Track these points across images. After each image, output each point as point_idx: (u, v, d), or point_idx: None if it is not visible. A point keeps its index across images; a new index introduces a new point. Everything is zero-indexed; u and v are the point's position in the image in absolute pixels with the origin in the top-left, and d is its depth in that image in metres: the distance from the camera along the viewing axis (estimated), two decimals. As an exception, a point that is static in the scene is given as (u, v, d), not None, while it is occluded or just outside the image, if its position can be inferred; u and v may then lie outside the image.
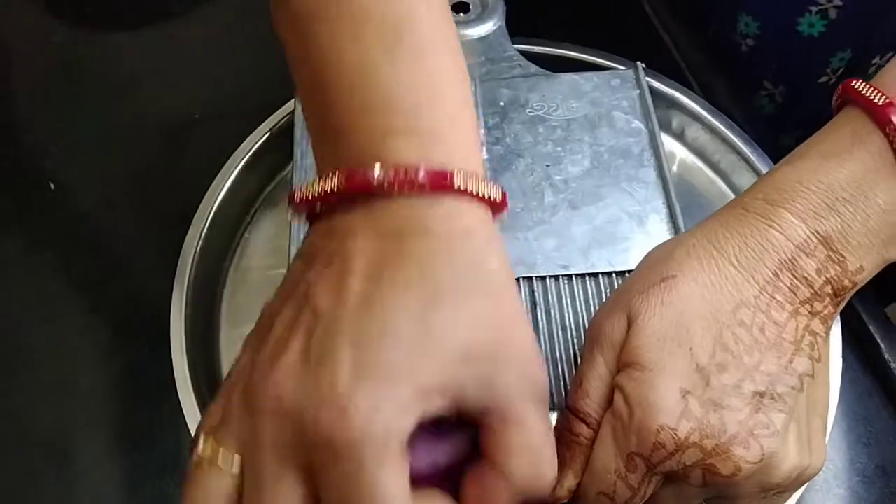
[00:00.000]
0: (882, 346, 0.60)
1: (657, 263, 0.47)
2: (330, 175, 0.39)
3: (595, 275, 0.55)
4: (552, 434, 0.40)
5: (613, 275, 0.55)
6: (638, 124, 0.61)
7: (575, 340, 0.53)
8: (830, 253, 0.45)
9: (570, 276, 0.55)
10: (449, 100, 0.42)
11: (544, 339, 0.53)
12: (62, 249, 0.68)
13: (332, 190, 0.39)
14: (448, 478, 0.39)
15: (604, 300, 0.54)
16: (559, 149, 0.60)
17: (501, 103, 0.62)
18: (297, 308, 0.39)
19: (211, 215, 0.61)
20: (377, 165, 0.38)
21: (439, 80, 0.42)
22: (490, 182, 0.40)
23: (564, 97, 0.62)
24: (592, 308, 0.54)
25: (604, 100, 0.62)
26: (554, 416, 0.50)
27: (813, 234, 0.45)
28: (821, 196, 0.46)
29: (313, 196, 0.40)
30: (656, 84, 0.66)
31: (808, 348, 0.44)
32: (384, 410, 0.35)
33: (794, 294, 0.44)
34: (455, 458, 0.39)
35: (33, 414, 0.61)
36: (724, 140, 0.65)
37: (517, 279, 0.54)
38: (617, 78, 0.63)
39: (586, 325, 0.53)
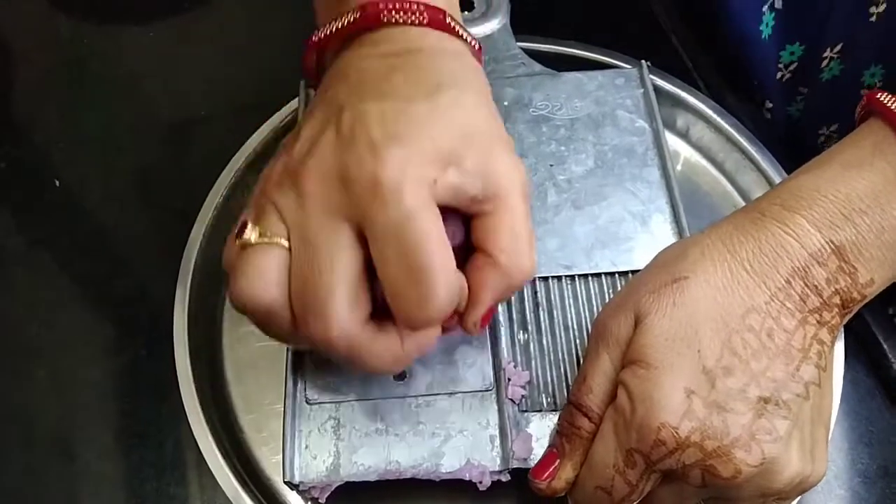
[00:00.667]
0: (885, 346, 0.59)
1: (669, 263, 0.47)
2: (342, 16, 0.46)
3: (598, 275, 0.55)
4: (531, 224, 0.45)
5: (616, 275, 0.55)
6: (642, 123, 0.60)
7: (577, 341, 0.53)
8: (842, 264, 0.45)
9: (572, 277, 0.55)
10: None
11: (547, 339, 0.53)
12: (65, 247, 0.68)
13: (347, 24, 0.46)
14: None
15: (607, 300, 0.54)
16: (563, 148, 0.60)
17: (505, 102, 0.61)
18: (323, 113, 0.44)
19: (215, 214, 0.61)
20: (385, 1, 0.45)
21: None
22: (470, 32, 0.48)
23: (568, 96, 0.62)
24: (595, 308, 0.54)
25: (608, 99, 0.62)
26: (556, 417, 0.50)
27: (827, 243, 0.45)
28: (838, 205, 0.46)
29: (331, 33, 0.47)
30: (661, 83, 0.65)
31: (816, 357, 0.44)
32: (415, 159, 0.40)
33: (804, 302, 0.44)
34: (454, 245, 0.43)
35: (36, 411, 0.61)
36: (729, 139, 0.64)
37: None
38: (621, 77, 0.63)
39: (589, 326, 0.53)
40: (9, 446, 0.60)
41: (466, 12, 0.65)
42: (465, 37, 0.48)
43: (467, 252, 0.45)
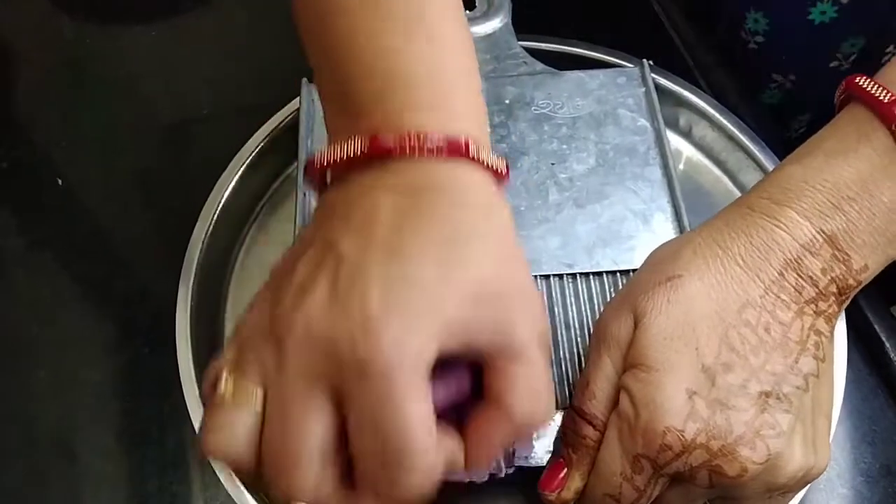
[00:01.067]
0: (887, 345, 0.59)
1: (663, 262, 0.47)
2: (352, 139, 0.41)
3: (599, 274, 0.55)
4: (551, 375, 0.42)
5: (618, 273, 0.55)
6: (644, 122, 0.60)
7: (579, 340, 0.53)
8: (836, 252, 0.45)
9: (574, 275, 0.55)
10: (462, 81, 0.44)
11: (549, 338, 0.52)
12: (66, 247, 0.68)
13: (354, 153, 0.41)
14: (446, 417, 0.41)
15: (608, 299, 0.54)
16: (564, 147, 0.60)
17: (507, 101, 0.61)
18: (319, 254, 0.40)
19: (217, 213, 0.61)
20: (398, 131, 0.41)
21: (452, 61, 0.44)
22: (495, 154, 0.43)
23: (570, 95, 0.62)
24: (597, 307, 0.54)
25: (609, 98, 0.62)
26: (559, 416, 0.50)
27: (818, 233, 0.45)
28: (826, 195, 0.45)
29: (335, 161, 0.42)
30: (663, 82, 0.65)
31: (814, 348, 0.44)
32: (412, 338, 0.37)
33: (800, 293, 0.44)
34: (456, 399, 0.41)
35: (38, 411, 0.61)
36: (731, 138, 0.64)
37: None
38: (623, 76, 0.63)
39: (591, 325, 0.53)
40: (10, 447, 0.60)
41: (468, 11, 0.65)
42: (489, 165, 0.43)
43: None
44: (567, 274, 0.55)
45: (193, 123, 0.74)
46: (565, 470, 0.47)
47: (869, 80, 0.47)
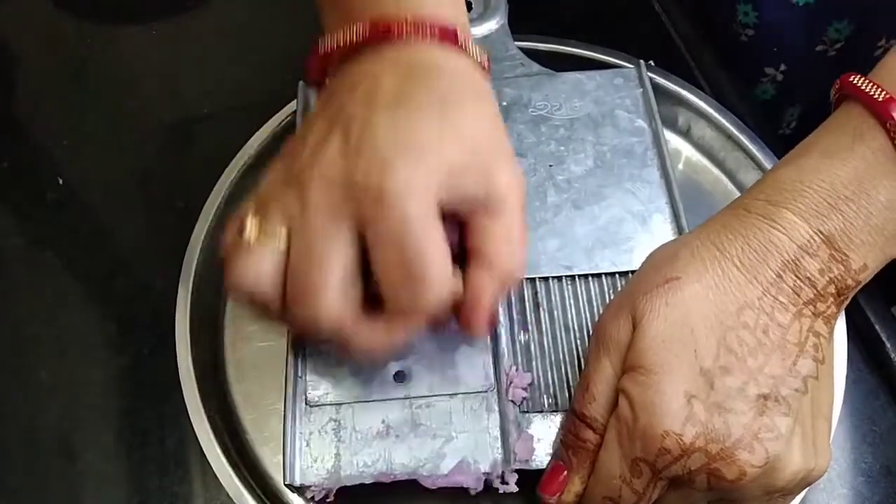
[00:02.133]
0: (888, 345, 0.59)
1: (661, 264, 0.47)
2: (352, 27, 0.46)
3: (598, 275, 0.55)
4: (526, 230, 0.47)
5: (617, 275, 0.55)
6: (641, 123, 0.60)
7: (578, 342, 0.53)
8: (833, 252, 0.45)
9: (573, 277, 0.55)
10: None
11: (547, 340, 0.53)
12: (67, 246, 0.68)
13: (355, 37, 0.46)
14: None
15: (607, 301, 0.54)
16: (562, 148, 0.60)
17: (504, 103, 0.61)
18: (329, 119, 0.45)
19: (216, 213, 0.61)
20: (394, 18, 0.46)
21: None
22: (479, 46, 0.49)
23: (567, 96, 0.62)
24: (596, 309, 0.54)
25: (607, 99, 0.61)
26: (558, 418, 0.50)
27: (816, 233, 0.45)
28: (823, 195, 0.45)
29: (340, 44, 0.47)
30: (662, 81, 0.65)
31: (812, 350, 0.44)
32: (421, 171, 0.42)
33: (798, 295, 0.44)
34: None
35: (38, 410, 0.61)
36: (730, 138, 0.64)
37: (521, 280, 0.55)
38: (620, 76, 0.63)
39: (590, 327, 0.53)
40: (11, 446, 0.60)
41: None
42: (474, 55, 0.48)
43: (461, 252, 0.47)
44: (566, 276, 0.55)
45: (194, 123, 0.74)
46: (565, 473, 0.47)
47: (863, 78, 0.47)
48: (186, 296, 0.58)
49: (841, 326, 0.55)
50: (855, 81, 0.47)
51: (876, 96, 0.46)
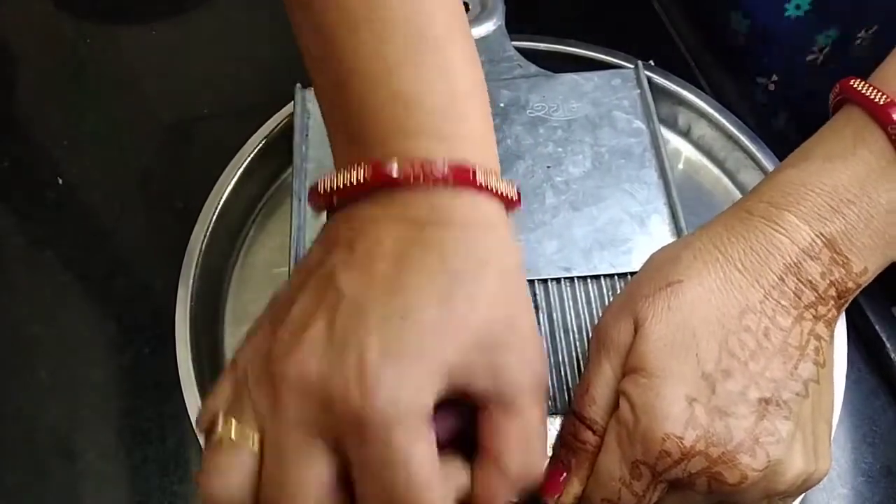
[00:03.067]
0: (888, 345, 0.59)
1: (663, 267, 0.46)
2: (355, 167, 0.40)
3: (597, 277, 0.55)
4: (545, 426, 0.42)
5: (615, 277, 0.55)
6: (639, 124, 0.60)
7: (577, 344, 0.53)
8: (835, 255, 0.45)
9: (571, 279, 0.55)
10: (470, 102, 0.43)
11: (546, 342, 0.53)
12: (67, 246, 0.69)
13: (356, 182, 0.40)
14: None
15: (606, 303, 0.54)
16: (560, 150, 0.59)
17: (502, 104, 0.61)
18: (319, 288, 0.40)
19: (216, 214, 0.61)
20: (402, 159, 0.40)
21: (459, 82, 0.43)
22: (506, 180, 0.42)
23: (565, 98, 0.61)
24: (595, 311, 0.54)
25: (604, 100, 0.61)
26: (557, 421, 0.50)
27: (818, 236, 0.45)
28: (825, 198, 0.45)
29: (337, 188, 0.41)
30: (662, 81, 0.65)
31: (813, 353, 0.44)
32: (409, 386, 0.36)
33: (799, 298, 0.44)
34: (459, 427, 0.41)
35: (38, 411, 0.62)
36: (731, 138, 0.64)
37: None
38: (617, 77, 0.62)
39: (589, 328, 0.53)
40: (11, 446, 0.60)
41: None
42: (499, 192, 0.42)
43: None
44: (565, 278, 0.55)
45: (193, 123, 0.74)
46: (565, 475, 0.47)
47: (863, 82, 0.47)
48: (186, 296, 0.58)
49: (841, 326, 0.55)
50: (855, 85, 0.47)
51: (876, 100, 0.46)
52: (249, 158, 0.64)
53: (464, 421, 0.41)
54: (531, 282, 0.55)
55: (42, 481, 0.59)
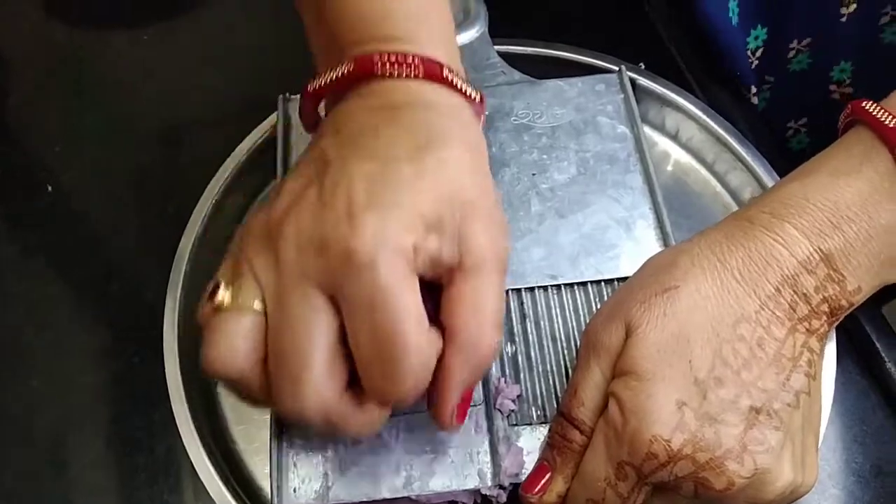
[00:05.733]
0: (878, 345, 0.59)
1: (659, 272, 0.47)
2: (338, 66, 0.46)
3: (584, 284, 0.55)
4: (502, 303, 0.43)
5: (602, 283, 0.55)
6: (623, 129, 0.60)
7: (565, 351, 0.53)
8: (831, 272, 0.45)
9: (558, 286, 0.55)
10: (435, 13, 0.49)
11: (534, 350, 0.53)
12: (59, 253, 0.69)
13: (341, 76, 0.45)
14: None
15: (594, 309, 0.54)
16: (545, 157, 0.59)
17: (486, 112, 0.60)
18: (309, 165, 0.43)
19: (204, 220, 0.61)
20: (381, 54, 0.45)
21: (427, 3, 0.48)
22: (471, 83, 0.47)
23: (549, 104, 0.61)
24: (582, 317, 0.54)
25: (588, 105, 0.61)
26: (547, 428, 0.50)
27: (816, 251, 0.45)
28: (826, 214, 0.46)
29: (325, 83, 0.46)
30: (650, 83, 0.65)
31: (806, 365, 0.44)
32: (392, 228, 0.39)
33: (794, 311, 0.45)
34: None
35: (28, 418, 0.62)
36: (719, 140, 0.64)
37: (506, 291, 0.53)
38: (601, 83, 0.62)
39: (577, 336, 0.53)
40: (2, 453, 0.60)
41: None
42: (464, 90, 0.46)
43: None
44: (552, 285, 0.55)
45: (186, 128, 0.74)
46: (549, 473, 0.47)
47: (874, 104, 0.48)
48: (174, 306, 0.58)
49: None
50: (866, 107, 0.48)
51: (886, 121, 0.47)
52: (239, 163, 0.64)
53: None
54: (518, 290, 0.55)
55: (33, 489, 0.59)
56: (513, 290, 0.55)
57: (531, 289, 0.55)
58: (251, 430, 0.57)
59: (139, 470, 0.59)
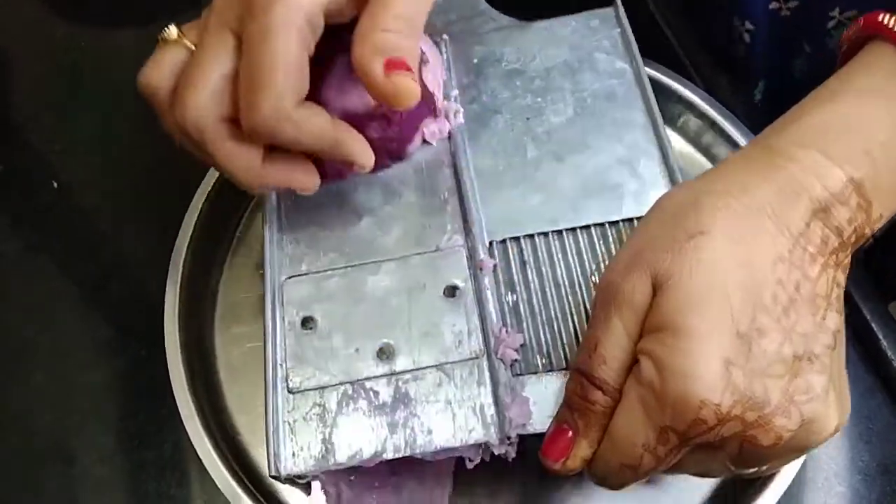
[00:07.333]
0: (884, 343, 0.58)
1: (680, 216, 0.43)
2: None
3: (587, 227, 0.52)
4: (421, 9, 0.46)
5: (606, 225, 0.52)
6: (622, 64, 0.57)
7: (570, 298, 0.50)
8: (861, 201, 0.42)
9: (559, 231, 0.52)
10: None
11: (536, 297, 0.50)
12: (62, 250, 0.69)
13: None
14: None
15: (598, 253, 0.51)
16: (539, 100, 0.57)
17: (475, 60, 0.59)
18: None
19: (202, 215, 0.61)
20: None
21: None
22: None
23: (541, 46, 0.59)
24: (587, 262, 0.51)
25: (583, 43, 0.58)
26: (553, 378, 0.48)
27: (849, 180, 0.42)
28: (857, 139, 0.43)
29: None
30: (654, 73, 0.62)
31: (836, 302, 0.41)
32: None
33: (825, 245, 0.41)
34: (353, 110, 0.49)
35: (33, 415, 0.62)
36: (722, 131, 0.62)
37: (504, 240, 0.52)
38: (595, 18, 0.59)
39: (580, 281, 0.51)
40: (7, 451, 0.61)
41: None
42: None
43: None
44: (552, 231, 0.52)
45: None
46: (569, 435, 0.45)
47: (892, 16, 0.45)
48: (174, 300, 0.57)
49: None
50: (883, 20, 0.45)
51: None
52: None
53: (356, 106, 0.49)
54: (516, 238, 0.52)
55: (39, 485, 0.59)
56: (511, 238, 0.52)
57: (530, 236, 0.52)
58: (255, 421, 0.57)
59: (146, 464, 0.59)
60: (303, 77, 0.44)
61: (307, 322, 0.51)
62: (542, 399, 0.47)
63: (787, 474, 0.50)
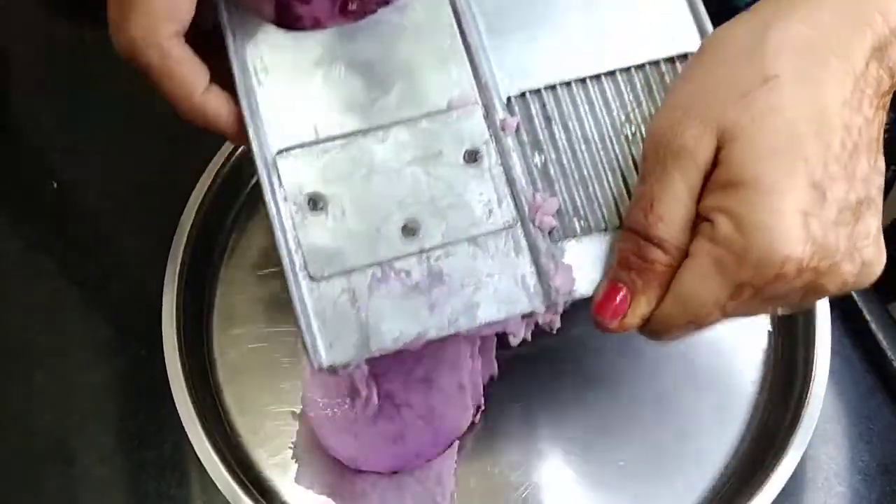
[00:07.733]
0: (884, 343, 0.59)
1: (742, 57, 0.40)
2: None
3: (612, 73, 0.47)
4: None
5: (633, 69, 0.47)
6: None
7: (602, 153, 0.47)
8: None
9: (583, 80, 0.47)
10: None
11: (566, 156, 0.47)
12: (62, 250, 0.69)
13: None
14: None
15: (626, 101, 0.47)
16: None
17: None
18: None
19: (200, 217, 0.61)
20: None
21: None
22: None
23: None
24: (615, 112, 0.47)
25: None
26: (594, 240, 0.46)
27: None
28: None
29: None
30: None
31: (882, 144, 0.40)
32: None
33: (879, 86, 0.40)
34: None
35: (33, 415, 0.62)
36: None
37: (523, 94, 0.47)
38: None
39: (611, 135, 0.47)
40: (7, 451, 0.61)
41: None
42: None
43: None
44: (575, 80, 0.47)
45: (190, 126, 0.73)
46: (623, 292, 0.43)
47: None
48: (172, 300, 0.58)
49: (833, 324, 0.55)
50: None
51: None
52: (233, 160, 0.64)
53: None
54: (537, 91, 0.47)
55: (39, 485, 0.59)
56: (531, 91, 0.47)
57: (551, 87, 0.47)
58: (255, 422, 0.58)
59: (146, 464, 0.59)
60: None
61: (315, 202, 0.45)
62: (584, 264, 0.45)
63: (784, 474, 0.50)
